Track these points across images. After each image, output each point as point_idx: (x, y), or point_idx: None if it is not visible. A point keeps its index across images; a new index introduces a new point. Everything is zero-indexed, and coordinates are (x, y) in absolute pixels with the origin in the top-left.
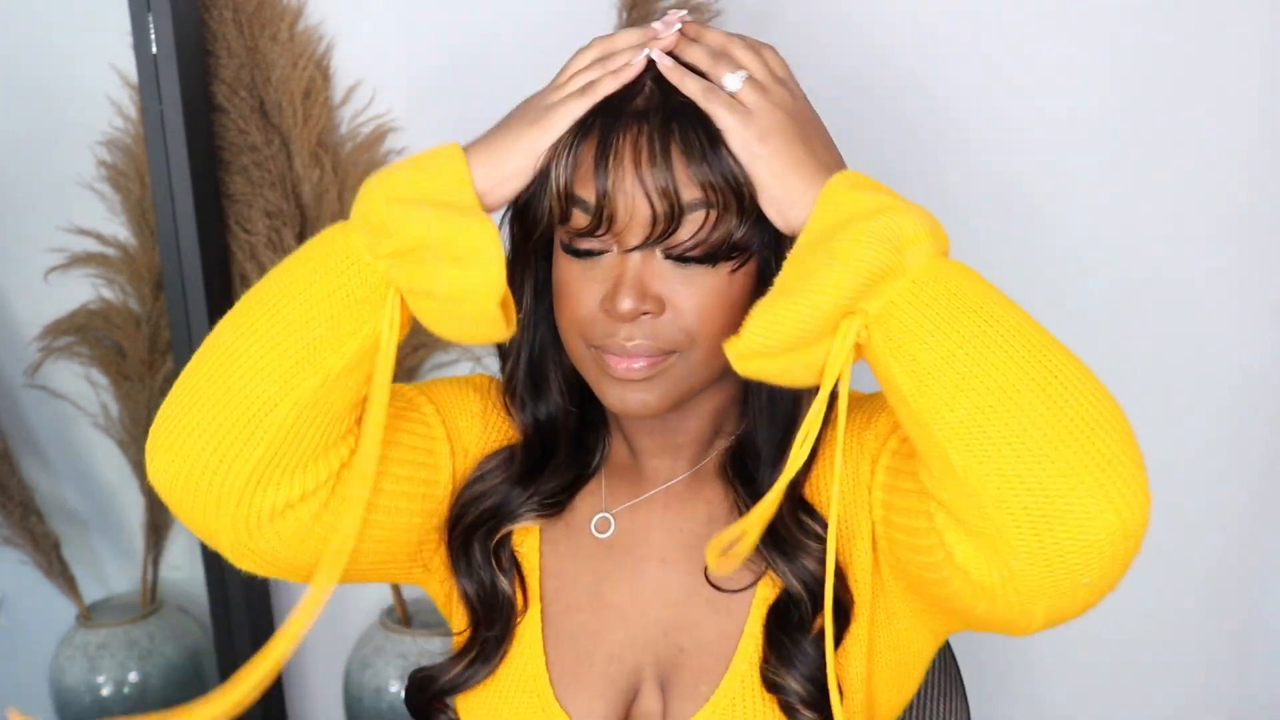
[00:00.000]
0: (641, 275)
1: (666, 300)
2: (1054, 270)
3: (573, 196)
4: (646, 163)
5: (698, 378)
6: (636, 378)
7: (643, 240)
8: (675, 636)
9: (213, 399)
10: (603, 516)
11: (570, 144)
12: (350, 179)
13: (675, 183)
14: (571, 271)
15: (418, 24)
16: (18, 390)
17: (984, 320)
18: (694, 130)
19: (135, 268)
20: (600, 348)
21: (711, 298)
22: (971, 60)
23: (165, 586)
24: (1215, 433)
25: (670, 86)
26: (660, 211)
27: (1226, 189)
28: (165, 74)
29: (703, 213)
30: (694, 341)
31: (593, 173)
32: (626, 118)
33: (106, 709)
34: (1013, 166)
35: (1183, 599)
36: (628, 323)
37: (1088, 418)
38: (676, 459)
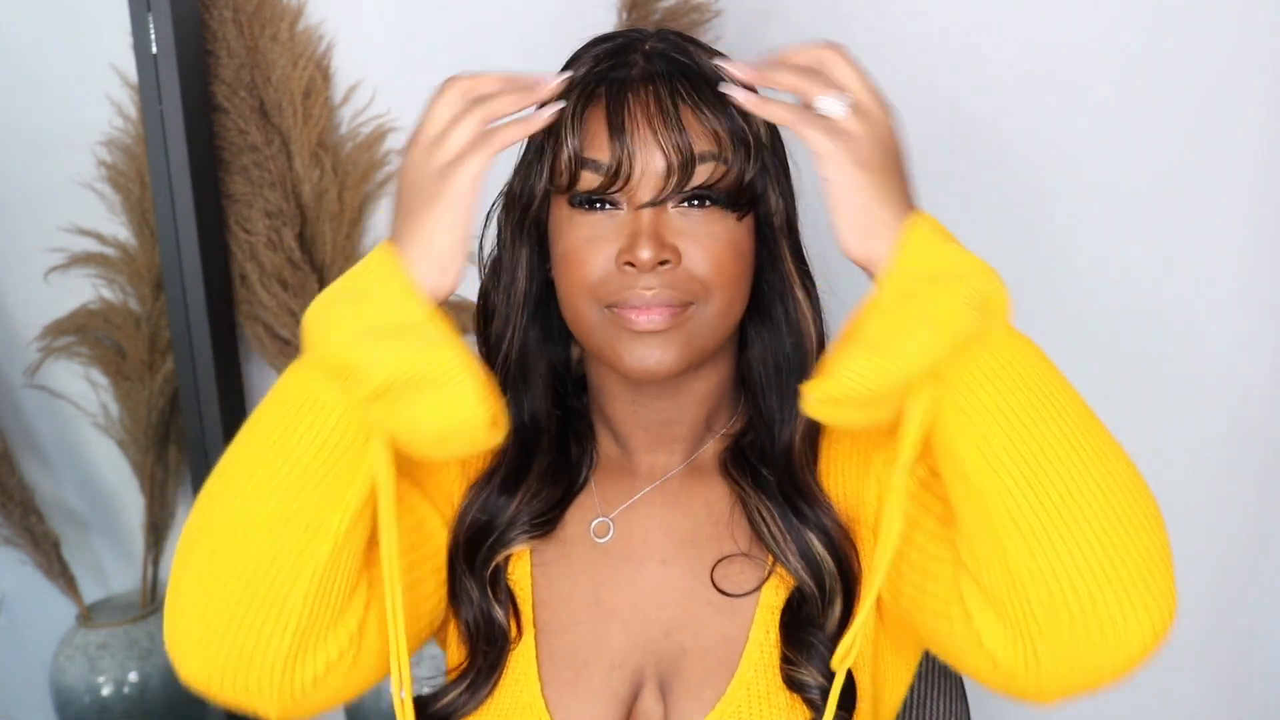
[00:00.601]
0: (657, 226)
1: (682, 250)
2: (1055, 272)
3: (583, 160)
4: (659, 122)
5: (712, 332)
6: (658, 328)
7: (656, 194)
8: (677, 636)
9: (229, 588)
10: (601, 521)
11: (575, 112)
12: (350, 179)
13: (688, 135)
14: (579, 234)
15: (418, 24)
16: (18, 390)
17: (1056, 410)
18: (700, 89)
19: (135, 268)
20: (617, 304)
21: (724, 246)
22: (972, 61)
23: (165, 586)
24: (1217, 434)
25: (668, 54)
26: (675, 163)
27: (1233, 196)
28: (165, 74)
29: (712, 164)
30: (709, 291)
31: (605, 135)
32: (633, 83)
33: (106, 709)
34: (1014, 169)
35: (1185, 600)
36: (647, 273)
37: (1139, 527)
38: (670, 453)
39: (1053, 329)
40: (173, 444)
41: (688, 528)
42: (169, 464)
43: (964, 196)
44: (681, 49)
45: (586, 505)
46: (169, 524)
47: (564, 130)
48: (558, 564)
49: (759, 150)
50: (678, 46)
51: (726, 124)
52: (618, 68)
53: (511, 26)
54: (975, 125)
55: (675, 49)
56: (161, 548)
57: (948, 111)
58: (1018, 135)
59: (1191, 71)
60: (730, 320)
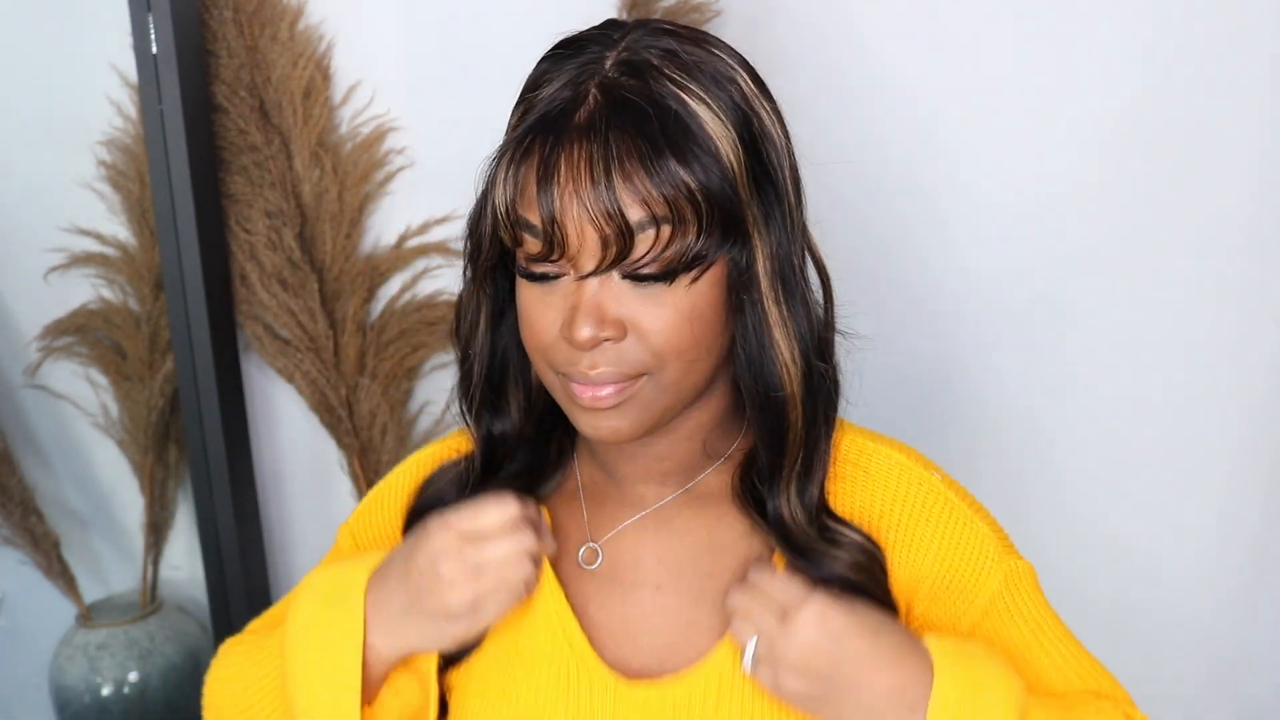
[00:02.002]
0: (599, 300)
1: (628, 323)
2: (1055, 274)
3: (519, 220)
4: (588, 183)
5: (671, 399)
6: (604, 405)
7: (597, 265)
8: (675, 664)
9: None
10: (589, 547)
11: (511, 164)
12: (350, 179)
13: (619, 203)
14: (531, 297)
15: (418, 24)
16: (18, 390)
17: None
18: (635, 142)
19: (135, 268)
20: (565, 375)
21: (675, 314)
22: (973, 62)
23: (165, 586)
24: (1218, 435)
25: (619, 94)
26: (609, 234)
27: (1233, 196)
28: (165, 74)
29: (653, 231)
30: (662, 362)
31: (535, 196)
32: (567, 134)
33: (106, 709)
34: (1013, 170)
35: (1186, 601)
36: (587, 351)
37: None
38: (663, 484)
39: (1053, 329)
40: (173, 444)
41: (685, 556)
42: (169, 464)
43: (963, 194)
44: (644, 72)
45: (574, 528)
46: (169, 524)
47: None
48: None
49: (723, 202)
50: (642, 68)
51: (668, 185)
52: (564, 111)
53: (511, 26)
54: (976, 122)
55: (638, 72)
56: (161, 548)
57: (949, 107)
58: (1018, 130)
59: (1190, 72)
60: (693, 381)
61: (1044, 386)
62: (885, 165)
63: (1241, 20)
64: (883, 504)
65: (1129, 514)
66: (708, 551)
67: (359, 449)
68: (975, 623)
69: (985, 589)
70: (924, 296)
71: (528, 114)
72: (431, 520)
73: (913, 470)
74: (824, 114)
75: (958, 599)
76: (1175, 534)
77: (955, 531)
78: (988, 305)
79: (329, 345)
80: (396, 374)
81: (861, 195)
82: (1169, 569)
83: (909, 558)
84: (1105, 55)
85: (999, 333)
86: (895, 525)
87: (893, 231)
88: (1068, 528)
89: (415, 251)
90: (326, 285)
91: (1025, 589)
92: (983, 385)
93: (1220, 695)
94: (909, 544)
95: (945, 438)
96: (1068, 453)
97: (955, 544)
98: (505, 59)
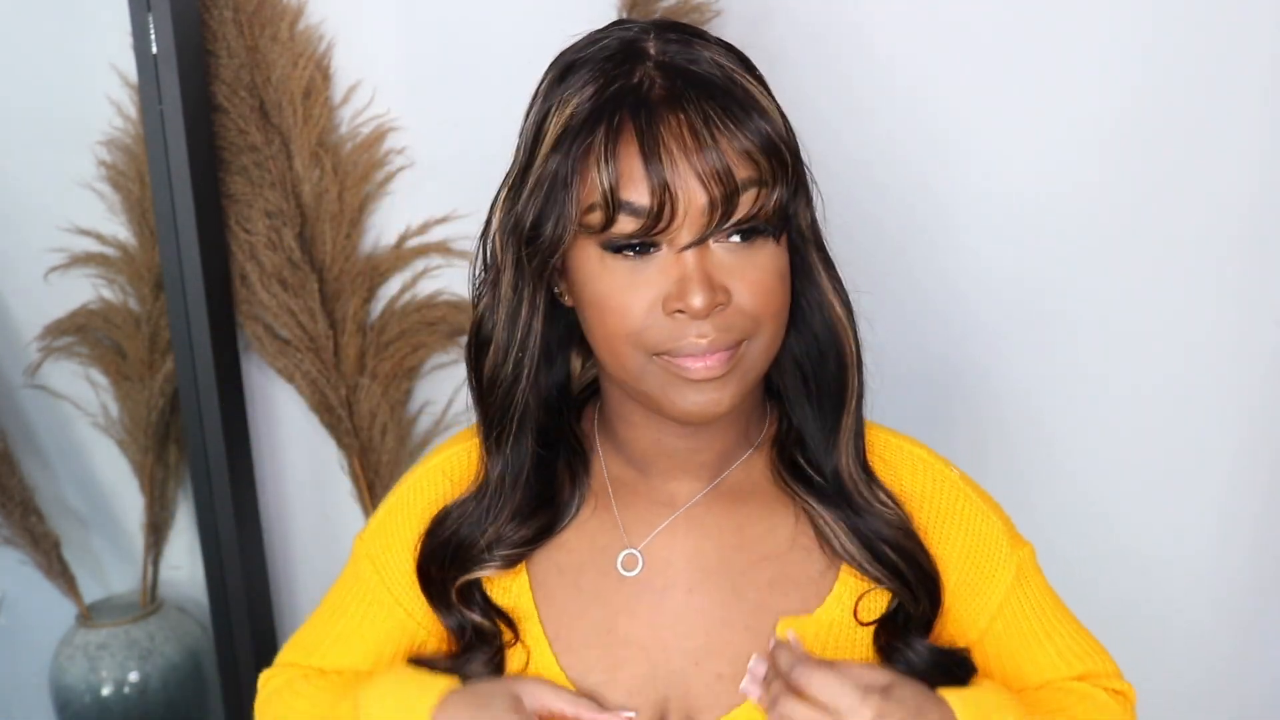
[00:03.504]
0: (705, 268)
1: (730, 288)
2: (1056, 273)
3: (620, 202)
4: (695, 148)
5: (762, 365)
6: (717, 374)
7: (700, 233)
8: (711, 664)
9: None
10: (629, 554)
11: (605, 145)
12: (350, 179)
13: (727, 162)
14: (616, 281)
15: (418, 24)
16: (18, 390)
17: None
18: (724, 105)
19: (135, 268)
20: (668, 352)
21: (769, 275)
22: (974, 62)
23: (165, 586)
24: (1219, 434)
25: (681, 66)
26: (717, 195)
27: (1234, 196)
28: (165, 74)
29: (754, 189)
30: (759, 324)
31: (642, 171)
32: (657, 109)
33: (106, 709)
34: (1014, 169)
35: (1187, 603)
36: (700, 319)
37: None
38: (695, 479)
39: (1053, 328)
40: (173, 444)
41: (716, 555)
42: (169, 464)
43: (963, 193)
44: (691, 53)
45: (605, 531)
46: (169, 524)
47: (593, 168)
48: (560, 588)
49: (796, 163)
50: (687, 51)
51: (761, 143)
52: (634, 90)
53: (512, 26)
54: (976, 121)
55: (685, 54)
56: (161, 548)
57: (948, 108)
58: (1017, 131)
59: (1191, 73)
60: (777, 346)
61: (1045, 385)
62: (886, 164)
63: (1241, 20)
64: (909, 499)
65: (1130, 512)
66: (737, 550)
67: (359, 449)
68: (993, 617)
69: (1001, 583)
70: (925, 295)
71: (580, 105)
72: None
73: (934, 466)
74: (824, 113)
75: (978, 594)
76: (1176, 532)
77: (975, 527)
78: (989, 304)
79: (329, 345)
80: (396, 374)
81: (862, 194)
82: (1170, 567)
83: (936, 553)
84: (1107, 54)
85: (1000, 332)
86: (922, 522)
87: (894, 230)
88: (1070, 525)
89: (415, 251)
90: (326, 285)
91: (1032, 576)
92: (984, 384)
93: (1220, 695)
94: (937, 541)
95: (948, 436)
96: (1070, 451)
97: (976, 540)
98: (505, 59)
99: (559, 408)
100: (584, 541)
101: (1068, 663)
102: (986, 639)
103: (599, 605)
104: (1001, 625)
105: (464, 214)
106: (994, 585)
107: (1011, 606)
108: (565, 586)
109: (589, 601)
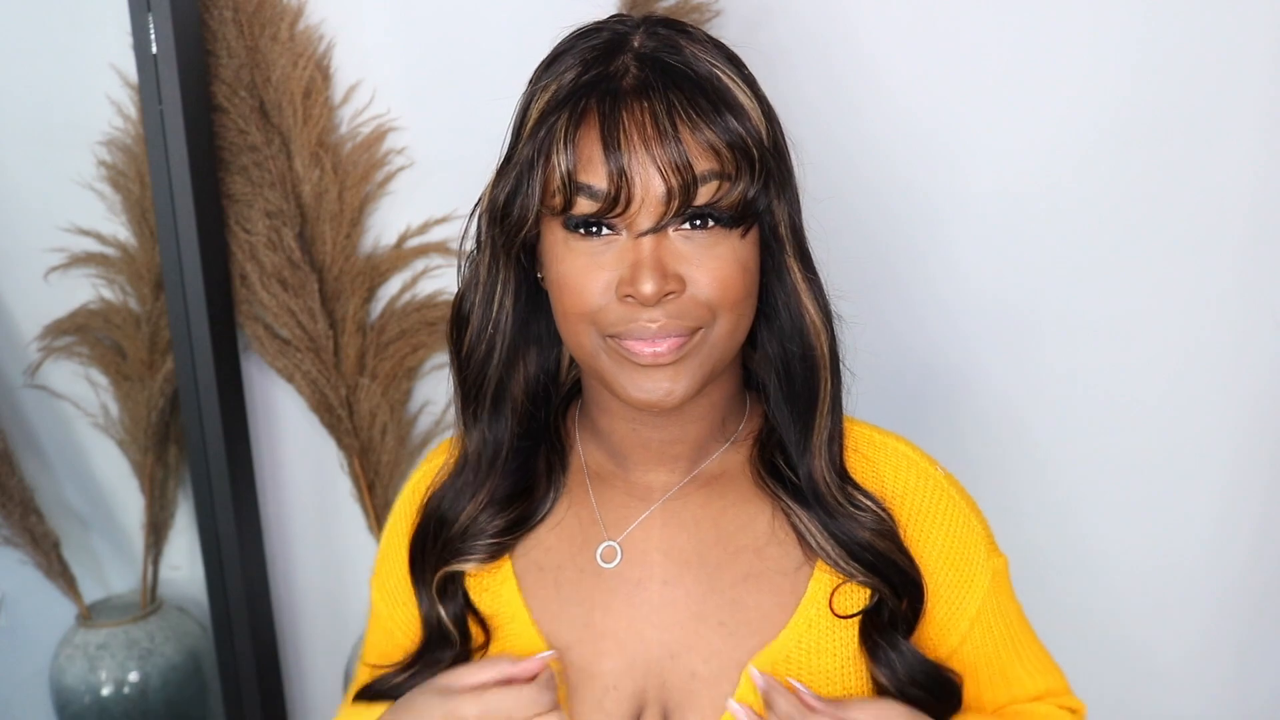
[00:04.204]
0: (659, 255)
1: (685, 277)
2: (1054, 274)
3: (577, 185)
4: (655, 139)
5: (722, 354)
6: (664, 361)
7: (657, 220)
8: (686, 660)
9: None
10: (608, 546)
11: (566, 130)
12: (350, 179)
13: (686, 155)
14: (576, 263)
15: (418, 24)
16: (18, 390)
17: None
18: (692, 98)
19: (135, 268)
20: (620, 335)
21: (729, 266)
22: (970, 63)
23: (165, 586)
24: (1218, 436)
25: (660, 58)
26: (675, 186)
27: (1233, 196)
28: (165, 74)
29: (715, 183)
30: (716, 314)
31: (601, 156)
32: (626, 96)
33: (106, 709)
34: (1011, 170)
35: (1188, 603)
36: (650, 306)
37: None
38: (671, 471)
39: (1052, 329)
40: (172, 444)
41: (692, 548)
42: (169, 464)
43: (960, 194)
44: (673, 46)
45: (582, 526)
46: (168, 524)
47: (555, 151)
48: (542, 587)
49: (763, 160)
50: (669, 44)
51: (726, 136)
52: (607, 78)
53: (511, 26)
54: (972, 122)
55: (667, 47)
56: (161, 548)
57: (948, 108)
58: (1017, 131)
59: (1189, 74)
60: (739, 338)
61: (1042, 388)
62: (883, 165)
63: (1240, 20)
64: (890, 495)
65: (1127, 515)
66: (714, 543)
67: (359, 449)
68: (971, 622)
69: (978, 589)
70: (920, 296)
71: (559, 90)
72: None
73: (918, 464)
74: (822, 113)
75: (956, 596)
76: (1174, 535)
77: (956, 529)
78: (986, 305)
79: (329, 345)
80: (396, 374)
81: (858, 195)
82: (1168, 570)
83: (916, 551)
84: (1104, 55)
85: (997, 333)
86: (903, 519)
87: (890, 232)
88: (1064, 528)
89: (415, 251)
90: (326, 285)
91: (1005, 588)
92: (982, 386)
93: (1220, 695)
94: (916, 539)
95: (942, 438)
96: (1066, 453)
97: (956, 541)
98: (505, 59)
99: (546, 399)
100: (562, 540)
101: (1034, 680)
102: (965, 646)
103: (578, 600)
104: (979, 633)
105: (464, 214)
106: (972, 590)
107: (986, 616)
108: (545, 585)
109: (569, 597)
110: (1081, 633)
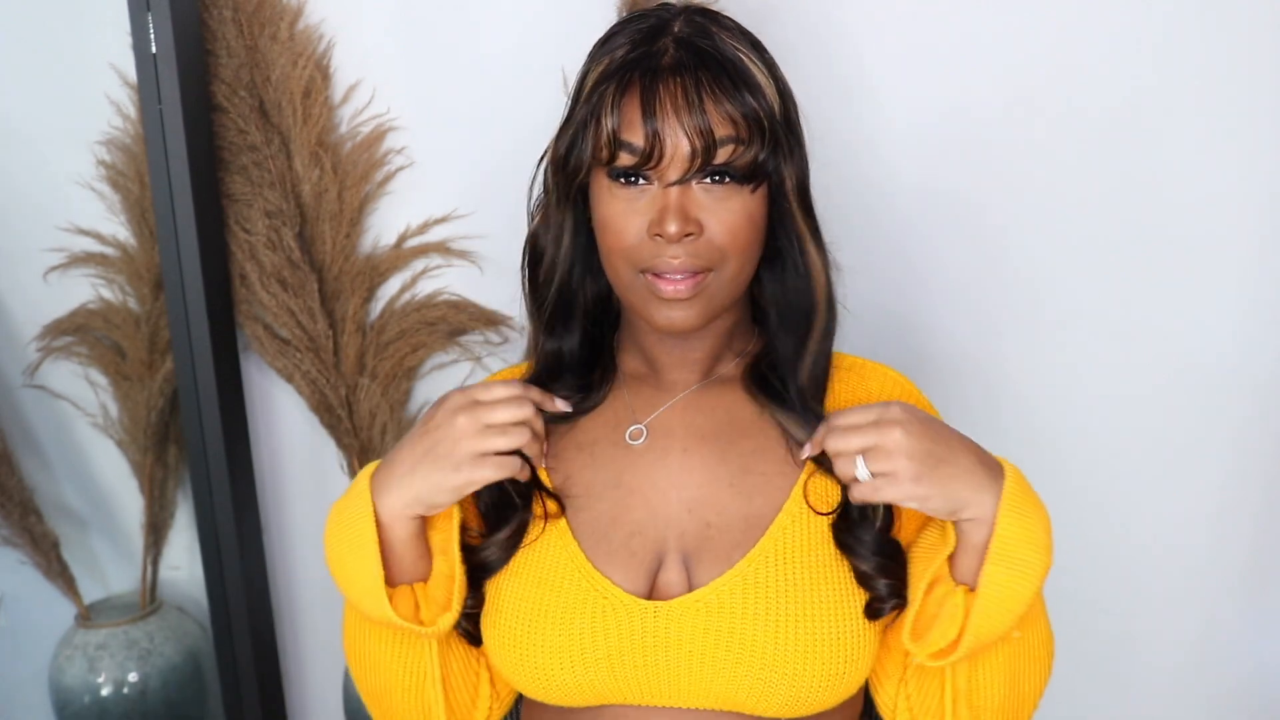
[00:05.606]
0: (683, 203)
1: (703, 222)
2: (1057, 269)
3: (620, 142)
4: (685, 108)
5: (728, 293)
6: (683, 296)
7: (682, 174)
8: (701, 513)
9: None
10: (636, 427)
11: (614, 98)
12: (350, 179)
13: (710, 123)
14: (617, 207)
15: (417, 24)
16: (17, 390)
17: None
18: (717, 78)
19: (135, 268)
20: (649, 269)
21: (739, 218)
22: (973, 58)
23: (165, 586)
24: (1218, 432)
25: (694, 42)
26: (698, 147)
27: (1234, 194)
28: (165, 74)
29: (731, 146)
30: (726, 258)
31: (640, 120)
32: (664, 73)
33: (106, 709)
34: (1014, 166)
35: (1187, 604)
36: (674, 244)
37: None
38: (692, 371)
39: (1054, 325)
40: (172, 444)
41: (708, 427)
42: (168, 464)
43: (963, 190)
44: (706, 33)
45: (617, 415)
46: (168, 524)
47: (604, 114)
48: (579, 462)
49: (773, 130)
50: (703, 30)
51: (743, 110)
52: (650, 56)
53: (511, 26)
54: (976, 121)
55: (701, 33)
56: (161, 548)
57: (951, 108)
58: (1016, 130)
59: (1192, 72)
60: (743, 281)
61: (1043, 382)
62: (885, 161)
63: (1243, 18)
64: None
65: (1128, 509)
66: (727, 425)
67: (359, 449)
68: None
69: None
70: (925, 291)
71: (611, 64)
72: (451, 391)
73: (903, 384)
74: (825, 110)
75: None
76: (1174, 530)
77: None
78: (987, 299)
79: (329, 345)
80: (396, 374)
81: (862, 190)
82: (1167, 565)
83: None
84: (1108, 50)
85: (997, 330)
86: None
87: (894, 226)
88: (1067, 522)
89: (415, 251)
90: (326, 285)
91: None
92: (983, 381)
93: (1219, 693)
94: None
95: None
96: (1068, 448)
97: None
98: (505, 59)
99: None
100: (598, 424)
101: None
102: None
103: (609, 467)
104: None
105: (464, 214)
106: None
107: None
108: (582, 456)
109: (602, 465)
110: (1082, 625)
